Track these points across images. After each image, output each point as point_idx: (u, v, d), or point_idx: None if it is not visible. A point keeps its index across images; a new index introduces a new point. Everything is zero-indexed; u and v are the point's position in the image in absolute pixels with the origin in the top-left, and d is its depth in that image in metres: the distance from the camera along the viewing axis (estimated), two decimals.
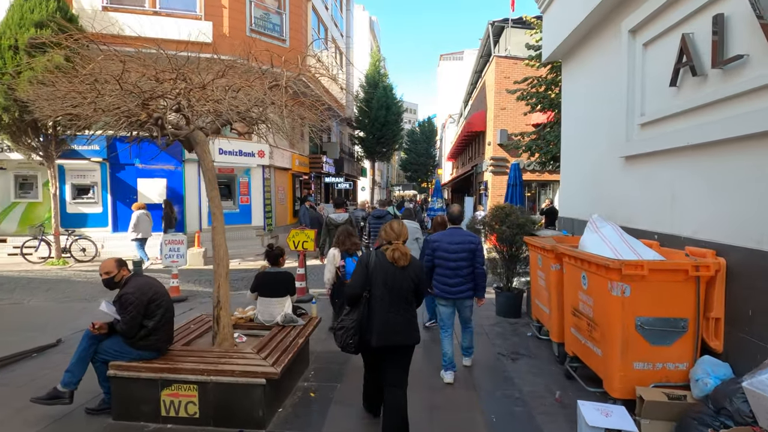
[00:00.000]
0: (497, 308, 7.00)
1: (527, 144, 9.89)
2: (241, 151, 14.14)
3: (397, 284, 3.07)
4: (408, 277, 3.11)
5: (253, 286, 4.54)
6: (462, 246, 4.30)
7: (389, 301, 3.05)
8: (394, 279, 3.08)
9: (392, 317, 3.04)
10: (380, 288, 3.06)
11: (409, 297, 3.14)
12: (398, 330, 3.05)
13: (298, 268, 7.68)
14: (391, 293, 3.06)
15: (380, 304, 3.05)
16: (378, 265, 3.11)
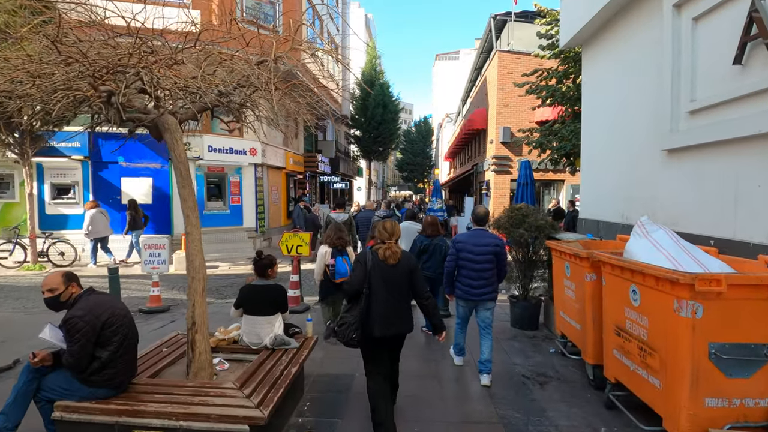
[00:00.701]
0: (512, 319, 6.33)
1: (537, 140, 9.24)
2: (231, 148, 13.40)
3: (392, 279, 3.30)
4: (401, 271, 3.34)
5: (237, 302, 3.83)
6: (487, 248, 4.25)
7: (387, 295, 3.27)
8: (390, 275, 3.30)
9: (390, 309, 3.27)
10: (378, 284, 3.27)
11: (404, 289, 3.36)
12: (395, 321, 3.29)
13: (292, 275, 6.96)
14: (387, 288, 3.28)
15: (378, 298, 3.25)
16: (374, 263, 3.31)
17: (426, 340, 5.79)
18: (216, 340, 3.77)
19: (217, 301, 7.95)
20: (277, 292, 3.79)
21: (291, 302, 6.87)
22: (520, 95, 15.72)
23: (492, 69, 16.29)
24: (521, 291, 6.23)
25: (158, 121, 3.32)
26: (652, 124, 4.65)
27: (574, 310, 4.68)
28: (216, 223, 13.46)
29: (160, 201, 12.76)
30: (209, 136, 13.02)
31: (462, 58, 63.46)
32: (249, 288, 3.80)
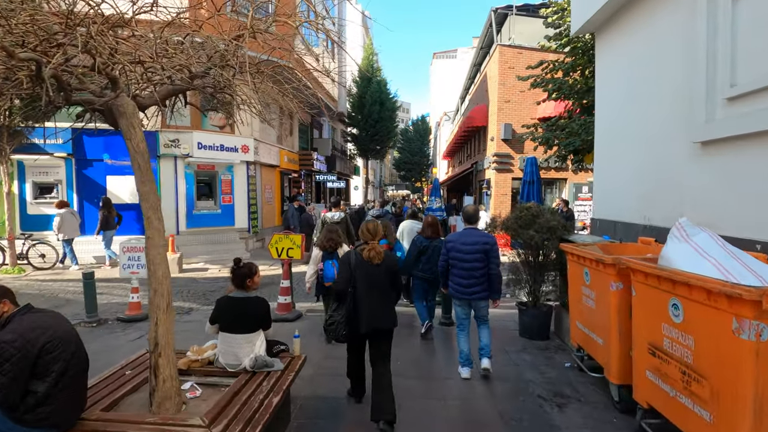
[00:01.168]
0: (521, 328, 5.84)
1: (543, 136, 8.74)
2: (222, 145, 12.85)
3: (375, 278, 3.48)
4: (383, 271, 3.52)
5: (213, 316, 3.31)
6: (475, 246, 4.23)
7: (370, 293, 3.45)
8: (372, 274, 3.48)
9: (375, 306, 3.44)
10: (362, 283, 3.46)
11: (387, 287, 3.56)
12: (380, 316, 3.46)
13: (283, 281, 6.44)
14: (371, 286, 3.47)
15: (363, 296, 3.44)
16: (358, 263, 3.49)
17: (428, 355, 5.29)
18: (188, 361, 3.25)
19: (202, 308, 7.42)
20: (257, 306, 3.28)
21: (281, 309, 6.36)
22: (522, 91, 15.26)
23: (492, 64, 15.81)
24: (530, 297, 5.74)
25: (112, 105, 2.80)
26: (681, 113, 4.16)
27: (594, 321, 4.19)
28: (206, 223, 12.92)
29: None
30: (199, 133, 12.48)
31: (460, 57, 63.00)
32: (225, 301, 3.28)
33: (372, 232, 3.58)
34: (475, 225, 4.47)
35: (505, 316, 6.76)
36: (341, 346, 4.05)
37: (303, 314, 6.67)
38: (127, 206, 12.10)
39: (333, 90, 20.00)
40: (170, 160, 12.40)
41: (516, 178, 15.26)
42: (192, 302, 7.83)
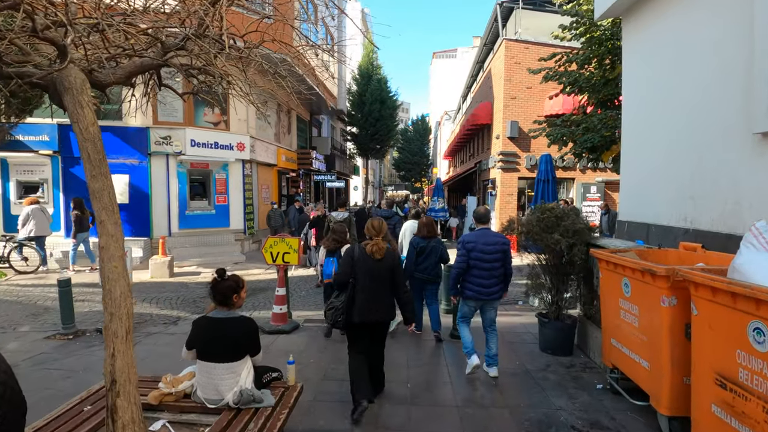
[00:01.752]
0: (542, 342, 5.28)
1: (557, 132, 8.18)
2: (216, 143, 12.28)
3: (376, 273, 3.63)
4: (385, 266, 3.65)
5: (189, 340, 2.75)
6: (496, 247, 4.31)
7: (370, 287, 3.61)
8: (374, 269, 3.63)
9: (371, 300, 3.59)
10: (363, 276, 3.62)
11: (386, 282, 3.67)
12: (375, 309, 3.61)
13: (278, 288, 5.87)
14: (372, 280, 3.62)
15: (363, 289, 3.60)
16: (361, 258, 3.63)
17: (442, 376, 4.73)
18: (159, 395, 2.69)
19: (191, 317, 6.84)
20: (243, 328, 2.71)
21: (277, 320, 5.79)
22: (529, 87, 14.73)
23: (498, 59, 15.27)
24: (552, 307, 5.17)
25: (56, 78, 2.23)
26: (736, 100, 3.60)
27: (637, 341, 3.63)
28: (200, 224, 12.34)
29: (138, 200, 11.62)
30: (192, 129, 11.90)
31: (460, 56, 62.59)
32: (204, 323, 2.72)
33: (377, 229, 3.73)
34: (487, 225, 4.48)
35: (520, 327, 6.21)
36: (343, 361, 3.92)
37: (300, 325, 6.10)
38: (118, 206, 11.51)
39: (333, 87, 19.44)
40: (162, 158, 11.82)
41: (523, 177, 14.72)
42: (180, 310, 7.26)
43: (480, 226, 4.46)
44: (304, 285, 9.24)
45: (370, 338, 3.76)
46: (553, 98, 13.85)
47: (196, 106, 12.17)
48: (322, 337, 5.62)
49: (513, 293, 8.54)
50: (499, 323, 6.41)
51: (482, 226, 4.45)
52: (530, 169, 14.72)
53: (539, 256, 5.25)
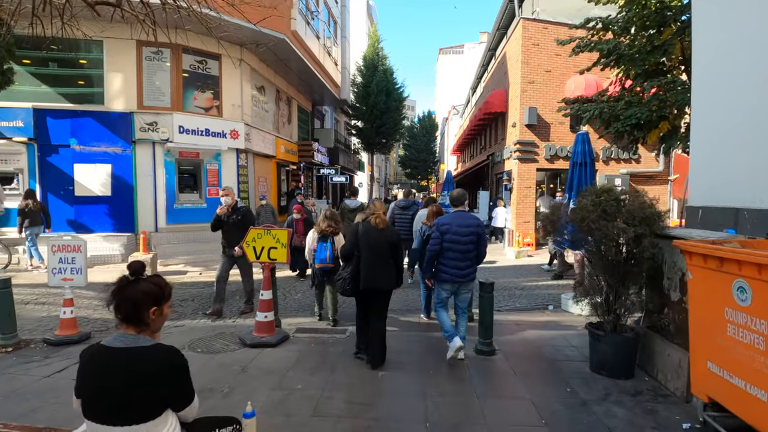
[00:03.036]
0: (594, 360, 4.16)
1: (593, 108, 7.00)
2: (207, 130, 11.22)
3: (378, 244, 4.11)
4: (385, 238, 4.15)
5: (77, 385, 1.65)
6: (470, 229, 4.25)
7: (373, 258, 4.08)
8: (376, 241, 4.11)
9: (375, 269, 4.07)
10: (366, 248, 4.09)
11: (387, 254, 4.14)
12: (378, 278, 4.09)
13: (263, 292, 4.77)
14: (373, 252, 4.09)
15: (367, 260, 4.07)
16: (365, 232, 4.13)
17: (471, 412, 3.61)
18: None
19: (166, 323, 5.77)
20: (157, 365, 1.60)
21: (261, 330, 4.70)
22: (548, 70, 13.55)
23: (514, 41, 14.10)
24: (609, 316, 4.04)
25: None
26: None
27: (760, 369, 2.50)
28: (190, 219, 11.29)
29: (121, 192, 10.60)
30: (180, 115, 10.85)
31: (467, 52, 61.45)
32: (94, 355, 1.61)
33: (378, 207, 4.22)
34: (461, 207, 4.46)
35: (560, 339, 5.07)
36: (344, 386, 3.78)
37: (290, 336, 5.00)
38: (98, 199, 10.52)
39: (336, 75, 18.34)
40: (147, 146, 10.79)
41: (542, 168, 13.52)
42: None
43: (455, 209, 4.44)
44: (300, 286, 8.15)
45: (374, 304, 4.19)
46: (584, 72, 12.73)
47: (185, 90, 11.13)
48: (316, 352, 4.53)
49: (541, 296, 7.45)
50: (534, 335, 5.31)
51: (457, 209, 4.42)
52: (550, 160, 13.54)
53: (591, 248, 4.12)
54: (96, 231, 10.53)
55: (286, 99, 15.95)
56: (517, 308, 6.65)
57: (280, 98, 15.25)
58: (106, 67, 10.47)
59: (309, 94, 17.86)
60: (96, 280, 8.05)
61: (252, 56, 12.58)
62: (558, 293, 7.58)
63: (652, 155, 14.61)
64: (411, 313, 6.24)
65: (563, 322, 5.82)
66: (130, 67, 10.54)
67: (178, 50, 10.91)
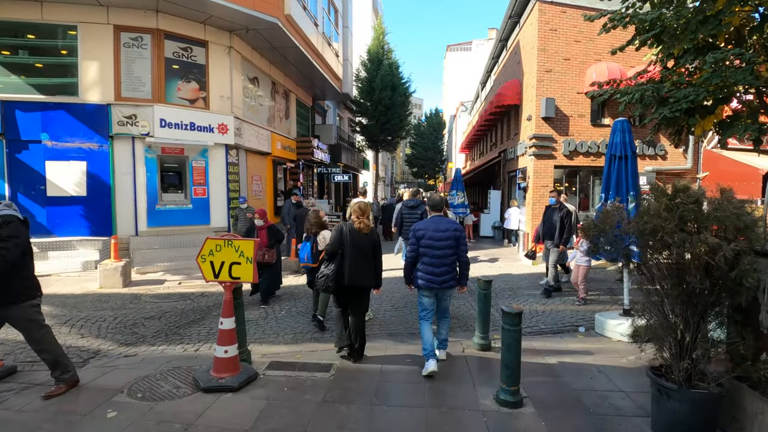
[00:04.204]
0: (659, 420, 3.08)
1: (634, 91, 5.86)
2: (193, 123, 10.22)
3: (361, 245, 4.30)
4: (369, 240, 4.36)
5: None
6: (447, 233, 4.19)
7: (356, 256, 4.25)
8: (359, 241, 4.29)
9: (358, 267, 4.26)
10: (350, 247, 4.26)
11: (370, 254, 4.36)
12: (361, 276, 4.27)
13: (222, 320, 3.72)
14: (357, 251, 4.26)
15: (350, 258, 4.24)
16: (349, 232, 4.30)
17: None
18: None
19: (116, 350, 4.76)
20: None
21: (220, 369, 3.67)
22: (567, 58, 12.38)
23: (529, 27, 12.95)
24: (682, 362, 2.93)
25: None
26: None
27: None
28: (174, 221, 10.32)
29: (98, 192, 9.65)
30: (162, 107, 9.86)
31: (475, 49, 60.24)
32: None
33: (362, 210, 4.44)
34: (441, 212, 4.43)
35: (602, 380, 3.97)
36: None
37: (260, 374, 3.95)
38: (73, 200, 9.58)
39: (337, 67, 17.27)
40: (126, 141, 9.82)
41: (560, 165, 12.34)
42: (106, 339, 5.18)
43: (433, 214, 4.42)
44: (287, 299, 7.11)
45: (355, 301, 4.39)
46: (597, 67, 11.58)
47: (168, 80, 10.13)
48: (287, 404, 3.46)
49: (567, 314, 6.32)
50: (569, 372, 4.20)
51: (435, 214, 4.40)
52: (569, 156, 12.36)
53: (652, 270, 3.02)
54: (71, 235, 9.59)
55: (284, 92, 14.92)
56: (541, 331, 5.55)
57: (276, 91, 14.23)
58: (81, 55, 9.51)
59: (309, 87, 16.83)
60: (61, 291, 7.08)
61: (243, 44, 11.57)
62: (587, 310, 6.48)
63: (679, 151, 13.40)
64: (413, 338, 5.16)
65: (602, 352, 4.72)
66: (107, 55, 9.58)
67: (159, 36, 9.95)
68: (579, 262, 6.89)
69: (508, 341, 3.34)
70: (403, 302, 6.88)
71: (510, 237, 14.28)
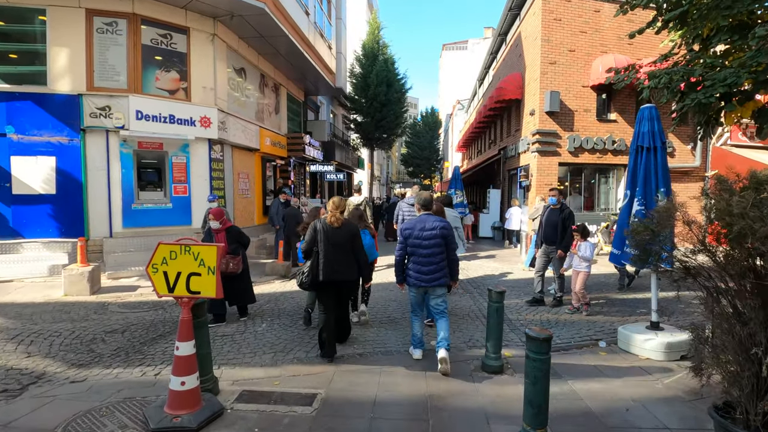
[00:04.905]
0: None
1: (662, 74, 5.19)
2: (172, 116, 9.48)
3: (336, 239, 4.29)
4: (343, 233, 4.33)
5: None
6: (434, 232, 4.17)
7: (332, 251, 4.26)
8: (334, 236, 4.29)
9: (334, 262, 4.25)
10: (325, 243, 4.26)
11: (347, 247, 4.33)
12: (338, 270, 4.26)
13: (178, 344, 3.01)
14: (332, 246, 4.26)
15: (325, 253, 4.25)
16: (323, 229, 4.30)
17: None
18: None
19: (64, 374, 4.03)
20: None
21: (175, 406, 2.96)
22: (572, 50, 11.75)
23: (532, 17, 12.31)
24: (760, 401, 2.26)
25: None
26: None
27: None
28: (152, 221, 9.57)
29: (68, 190, 8.88)
30: (138, 98, 9.12)
31: (471, 48, 59.82)
32: None
33: (336, 205, 4.38)
34: (431, 211, 4.39)
35: (634, 409, 3.32)
36: None
37: (226, 410, 3.23)
38: (41, 198, 8.81)
39: (330, 60, 16.55)
40: (100, 134, 9.06)
41: (564, 163, 11.73)
42: (55, 360, 4.44)
43: (423, 212, 4.38)
44: (271, 311, 6.40)
45: (336, 297, 4.40)
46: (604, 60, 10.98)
47: (146, 69, 9.38)
48: None
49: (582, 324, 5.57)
50: (593, 395, 3.53)
51: (424, 212, 4.37)
52: (573, 153, 11.73)
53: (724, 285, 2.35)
54: (38, 236, 8.82)
55: (273, 86, 14.18)
56: (557, 346, 4.88)
57: (265, 84, 13.48)
58: (50, 41, 8.74)
59: (300, 81, 16.08)
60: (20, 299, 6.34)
61: (228, 32, 10.82)
62: (604, 321, 5.82)
63: (688, 148, 12.83)
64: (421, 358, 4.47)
65: (631, 374, 4.06)
66: (79, 42, 8.81)
67: (136, 21, 9.20)
68: (578, 268, 6.21)
69: (534, 373, 2.66)
70: (401, 312, 6.19)
71: (511, 238, 13.64)
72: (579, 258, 6.20)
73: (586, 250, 6.20)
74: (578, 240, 6.28)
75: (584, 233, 6.32)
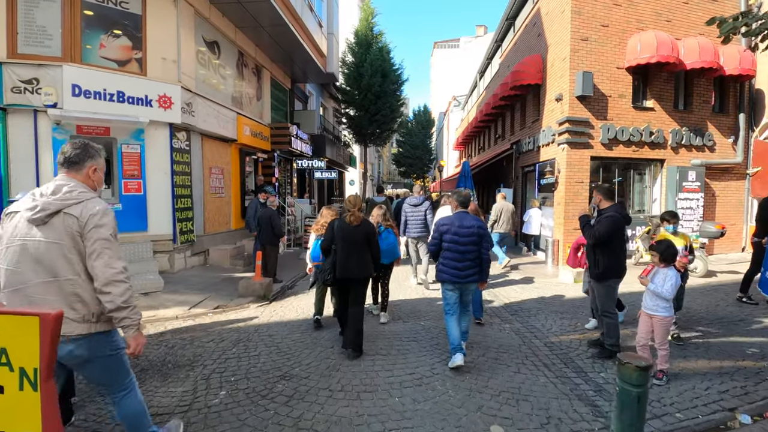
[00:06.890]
0: None
1: None
2: (122, 93, 7.51)
3: (353, 238, 4.44)
4: (361, 232, 4.48)
5: None
6: (471, 230, 4.25)
7: (348, 250, 4.42)
8: (351, 235, 4.44)
9: (350, 260, 4.40)
10: (341, 241, 4.43)
11: (363, 246, 4.49)
12: (353, 268, 4.41)
13: None
14: (349, 244, 4.42)
15: (342, 252, 4.42)
16: (340, 227, 4.48)
17: None
18: None
19: None
20: None
21: None
22: (605, 24, 10.02)
23: None
24: None
25: None
26: None
27: None
28: None
29: None
30: (76, 68, 7.14)
31: (463, 46, 58.45)
32: None
33: (353, 203, 4.56)
34: (467, 209, 4.47)
35: None
36: None
37: None
38: None
39: (321, 40, 14.65)
40: (25, 114, 7.07)
41: (597, 156, 9.97)
42: None
43: (459, 209, 4.43)
44: (237, 366, 4.49)
45: (352, 294, 4.48)
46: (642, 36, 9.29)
47: (86, 33, 7.40)
48: None
49: (698, 384, 3.82)
50: None
51: (461, 210, 4.42)
52: (607, 145, 10.00)
53: None
54: None
55: (255, 67, 12.22)
56: (679, 425, 3.06)
57: (244, 64, 11.52)
58: None
59: (287, 65, 14.13)
60: None
61: None
62: (734, 366, 3.99)
63: (729, 142, 11.22)
64: None
65: None
66: None
67: None
68: (652, 311, 3.91)
69: None
70: (411, 334, 4.36)
71: (529, 244, 11.87)
72: (652, 294, 3.93)
73: (665, 283, 3.86)
74: (656, 264, 4.02)
75: (666, 255, 3.95)
